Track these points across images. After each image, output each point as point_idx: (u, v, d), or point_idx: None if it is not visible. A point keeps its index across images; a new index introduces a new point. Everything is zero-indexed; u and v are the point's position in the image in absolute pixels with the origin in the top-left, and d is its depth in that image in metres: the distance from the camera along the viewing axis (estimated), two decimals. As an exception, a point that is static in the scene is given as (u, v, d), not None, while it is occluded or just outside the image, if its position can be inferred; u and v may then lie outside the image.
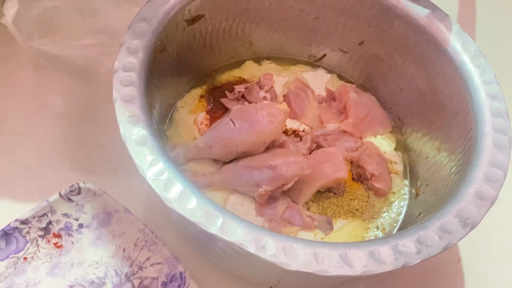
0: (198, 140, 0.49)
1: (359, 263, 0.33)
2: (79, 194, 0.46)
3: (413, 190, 0.52)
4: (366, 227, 0.49)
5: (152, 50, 0.43)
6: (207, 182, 0.47)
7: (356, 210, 0.50)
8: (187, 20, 0.49)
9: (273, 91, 0.57)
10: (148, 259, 0.45)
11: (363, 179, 0.52)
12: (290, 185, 0.46)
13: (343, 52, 0.60)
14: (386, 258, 0.34)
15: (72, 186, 0.45)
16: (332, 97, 0.58)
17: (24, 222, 0.44)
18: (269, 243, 0.33)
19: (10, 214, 0.45)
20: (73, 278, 0.44)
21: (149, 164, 0.36)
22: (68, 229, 0.46)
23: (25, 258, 0.44)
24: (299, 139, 0.53)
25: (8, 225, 0.44)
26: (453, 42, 0.48)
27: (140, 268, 0.45)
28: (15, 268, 0.43)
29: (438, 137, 0.51)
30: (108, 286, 0.44)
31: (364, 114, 0.56)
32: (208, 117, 0.54)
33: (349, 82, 0.61)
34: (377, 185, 0.51)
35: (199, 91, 0.57)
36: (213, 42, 0.56)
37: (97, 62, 0.55)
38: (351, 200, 0.50)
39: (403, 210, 0.51)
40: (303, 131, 0.55)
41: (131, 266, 0.45)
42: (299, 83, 0.58)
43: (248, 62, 0.60)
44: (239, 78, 0.59)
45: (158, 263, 0.44)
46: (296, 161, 0.46)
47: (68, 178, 0.49)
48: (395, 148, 0.56)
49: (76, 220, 0.46)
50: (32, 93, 0.58)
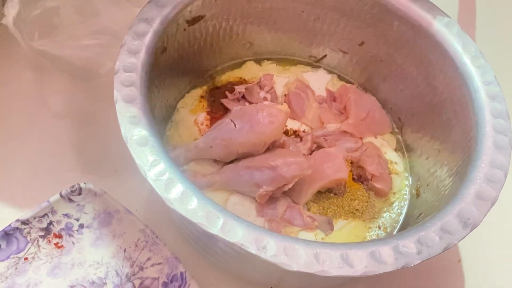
0: (199, 140, 0.49)
1: (360, 264, 0.34)
2: (80, 194, 0.46)
3: (413, 191, 0.52)
4: (367, 226, 0.49)
5: (153, 50, 0.43)
6: (207, 183, 0.47)
7: (357, 210, 0.50)
8: (187, 21, 0.49)
9: (273, 92, 0.57)
10: (148, 259, 0.45)
11: (363, 179, 0.52)
12: (290, 185, 0.46)
13: (344, 52, 0.60)
14: (387, 259, 0.34)
15: (73, 187, 0.45)
16: (332, 97, 0.58)
17: (25, 222, 0.44)
18: (270, 243, 0.33)
19: (11, 214, 0.45)
20: (74, 278, 0.44)
21: (150, 165, 0.36)
22: (69, 229, 0.46)
23: (26, 259, 0.44)
24: (299, 140, 0.53)
25: (9, 225, 0.44)
26: (453, 42, 0.48)
27: (141, 268, 0.45)
28: (16, 268, 0.43)
29: (439, 137, 0.51)
30: (109, 287, 0.44)
31: (364, 115, 0.56)
32: (208, 117, 0.54)
33: (349, 83, 0.61)
34: (377, 185, 0.51)
35: (199, 91, 0.57)
36: (213, 43, 0.56)
37: (97, 62, 0.55)
38: (352, 200, 0.50)
39: (404, 211, 0.51)
40: (304, 131, 0.55)
41: (131, 266, 0.45)
42: (299, 84, 0.58)
43: (248, 63, 0.60)
44: (240, 78, 0.59)
45: (158, 264, 0.44)
46: (296, 161, 0.46)
47: (68, 179, 0.49)
48: (396, 149, 0.56)
49: (77, 220, 0.46)
50: (32, 93, 0.58)
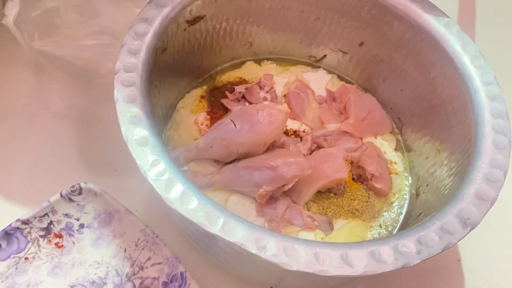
0: (199, 140, 0.49)
1: (359, 263, 0.34)
2: (80, 194, 0.46)
3: (413, 191, 0.53)
4: (367, 226, 0.49)
5: (153, 50, 0.43)
6: (207, 183, 0.47)
7: (356, 210, 0.50)
8: (188, 21, 0.49)
9: (273, 92, 0.57)
10: (149, 259, 0.45)
11: (363, 179, 0.52)
12: (290, 185, 0.46)
13: (344, 52, 0.60)
14: (387, 258, 0.34)
15: (73, 186, 0.45)
16: (332, 97, 0.58)
17: (25, 222, 0.44)
18: (270, 243, 0.33)
19: (11, 214, 0.45)
20: (74, 278, 0.44)
21: (150, 165, 0.36)
22: (69, 229, 0.46)
23: (26, 258, 0.44)
24: (299, 140, 0.53)
25: (10, 225, 0.44)
26: (453, 43, 0.49)
27: (141, 268, 0.45)
28: (16, 268, 0.43)
29: (438, 137, 0.51)
30: (109, 286, 0.44)
31: (364, 115, 0.56)
32: (208, 117, 0.54)
33: (349, 83, 0.61)
34: (377, 185, 0.51)
35: (199, 91, 0.57)
36: (213, 43, 0.56)
37: (98, 62, 0.55)
38: (352, 200, 0.50)
39: (404, 210, 0.51)
40: (304, 131, 0.55)
41: (132, 266, 0.45)
42: (299, 84, 0.58)
43: (248, 63, 0.60)
44: (240, 78, 0.59)
45: (159, 263, 0.44)
46: (296, 161, 0.46)
47: (69, 178, 0.49)
48: (395, 149, 0.56)
49: (77, 220, 0.46)
50: (33, 93, 0.58)
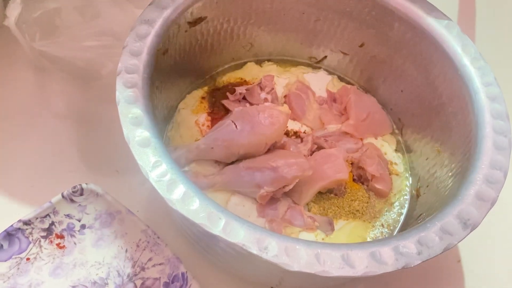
0: (200, 141, 0.49)
1: (360, 264, 0.34)
2: (81, 195, 0.46)
3: (413, 191, 0.53)
4: (369, 226, 0.49)
5: (154, 52, 0.43)
6: (208, 183, 0.47)
7: (357, 211, 0.50)
8: (189, 22, 0.50)
9: (274, 93, 0.57)
10: (150, 259, 0.45)
11: (363, 180, 0.52)
12: (291, 186, 0.46)
13: (344, 53, 0.60)
14: (387, 259, 0.34)
15: (74, 187, 0.45)
16: (332, 98, 0.58)
17: (27, 223, 0.44)
18: (271, 244, 0.34)
19: (13, 215, 0.45)
20: (75, 278, 0.44)
21: (152, 166, 0.36)
22: (70, 230, 0.46)
23: (28, 259, 0.44)
24: (300, 141, 0.53)
25: (11, 226, 0.44)
26: (453, 44, 0.49)
27: (142, 268, 0.45)
28: (18, 268, 0.43)
29: (439, 138, 0.51)
30: (111, 287, 0.44)
31: (364, 116, 0.56)
32: (209, 118, 0.54)
33: (349, 84, 0.61)
34: (377, 186, 0.51)
35: (200, 92, 0.57)
36: (214, 44, 0.56)
37: (99, 63, 0.55)
38: (352, 201, 0.51)
39: (404, 211, 0.51)
40: (304, 132, 0.55)
41: (133, 266, 0.45)
42: (300, 85, 0.58)
43: (249, 64, 0.60)
44: (240, 79, 0.59)
45: (160, 264, 0.45)
46: (297, 162, 0.47)
47: (70, 179, 0.49)
48: (396, 149, 0.56)
49: (79, 221, 0.46)
50: (34, 94, 0.58)
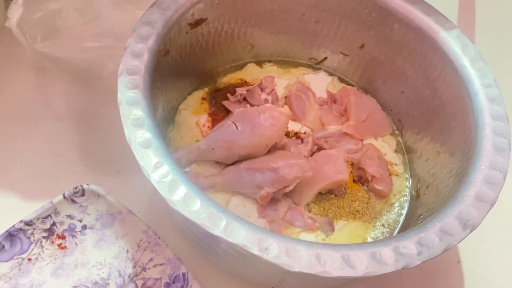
0: (201, 142, 0.49)
1: (360, 265, 0.34)
2: (83, 195, 0.46)
3: (413, 192, 0.53)
4: (369, 226, 0.50)
5: (156, 53, 0.44)
6: (209, 184, 0.47)
7: (357, 211, 0.50)
8: (190, 24, 0.50)
9: (274, 94, 0.57)
10: (151, 260, 0.45)
11: (363, 181, 0.52)
12: (291, 187, 0.46)
13: (344, 55, 0.60)
14: (388, 260, 0.34)
15: (76, 188, 0.46)
16: (333, 99, 0.59)
17: (28, 223, 0.44)
18: (272, 244, 0.34)
19: (14, 215, 0.45)
20: (77, 279, 0.44)
21: (153, 167, 0.36)
22: (72, 230, 0.46)
23: (29, 259, 0.44)
24: (300, 141, 0.54)
25: (13, 226, 0.44)
26: (453, 45, 0.49)
27: (143, 269, 0.45)
28: (20, 269, 0.44)
29: (438, 139, 0.51)
30: (112, 287, 0.44)
31: (365, 117, 0.56)
32: (210, 119, 0.55)
33: (350, 85, 0.61)
34: (377, 186, 0.51)
35: (201, 93, 0.57)
36: (215, 45, 0.56)
37: (100, 64, 0.55)
38: (352, 201, 0.51)
39: (404, 212, 0.52)
40: (305, 133, 0.55)
41: (134, 267, 0.45)
42: (300, 86, 0.59)
43: (249, 65, 0.61)
44: (241, 80, 0.59)
45: (161, 264, 0.45)
46: (297, 163, 0.47)
47: (72, 180, 0.49)
48: (396, 150, 0.57)
49: (80, 221, 0.46)
50: (35, 95, 0.58)
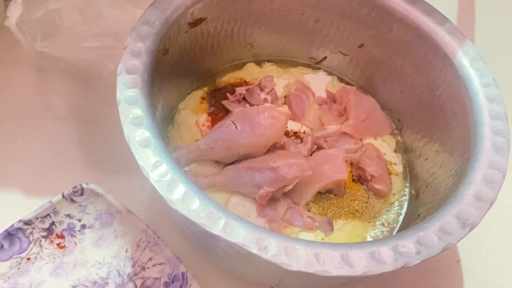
0: (200, 141, 0.49)
1: (359, 264, 0.34)
2: (82, 195, 0.46)
3: (413, 191, 0.53)
4: (369, 225, 0.50)
5: (155, 53, 0.44)
6: (208, 184, 0.47)
7: (356, 211, 0.50)
8: (189, 23, 0.50)
9: (274, 93, 0.57)
10: (150, 259, 0.45)
11: (363, 180, 0.52)
12: (291, 186, 0.46)
13: (344, 54, 0.60)
14: (387, 259, 0.34)
15: (75, 187, 0.46)
16: (332, 99, 0.59)
17: (27, 222, 0.45)
18: (271, 243, 0.34)
19: (14, 215, 0.45)
20: (76, 278, 0.44)
21: (152, 166, 0.36)
22: (71, 229, 0.46)
23: (28, 259, 0.44)
24: (299, 141, 0.54)
25: (12, 225, 0.44)
26: (452, 45, 0.49)
27: (143, 268, 0.45)
28: (19, 268, 0.44)
29: (438, 139, 0.51)
30: (111, 286, 0.44)
31: (364, 116, 0.56)
32: (209, 118, 0.55)
33: (349, 84, 0.61)
34: (377, 186, 0.51)
35: (200, 93, 0.57)
36: (214, 45, 0.56)
37: (99, 64, 0.55)
38: (351, 201, 0.51)
39: (403, 211, 0.52)
40: (304, 132, 0.55)
41: (133, 266, 0.45)
42: (299, 85, 0.59)
43: (249, 64, 0.61)
44: (240, 80, 0.59)
45: (160, 264, 0.45)
46: (297, 162, 0.47)
47: (71, 179, 0.49)
48: (395, 150, 0.57)
49: (79, 221, 0.46)
50: (35, 94, 0.58)
